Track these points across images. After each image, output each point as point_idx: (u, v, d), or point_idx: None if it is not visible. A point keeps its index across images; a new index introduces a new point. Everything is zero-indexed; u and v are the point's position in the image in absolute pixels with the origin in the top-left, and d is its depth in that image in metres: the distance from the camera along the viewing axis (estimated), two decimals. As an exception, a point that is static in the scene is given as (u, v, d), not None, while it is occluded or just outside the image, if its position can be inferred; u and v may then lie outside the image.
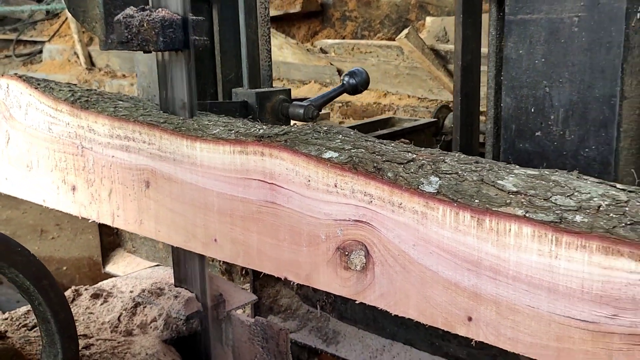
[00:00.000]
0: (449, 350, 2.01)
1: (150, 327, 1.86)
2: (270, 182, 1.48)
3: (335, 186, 1.37)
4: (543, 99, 1.53)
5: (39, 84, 1.98)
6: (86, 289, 2.03)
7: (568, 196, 1.15)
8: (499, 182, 1.22)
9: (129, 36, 1.65)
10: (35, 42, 9.70)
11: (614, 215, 1.07)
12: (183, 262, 1.92)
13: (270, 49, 2.23)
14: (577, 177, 1.21)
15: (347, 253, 1.39)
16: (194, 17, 1.67)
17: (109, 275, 3.02)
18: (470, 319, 1.24)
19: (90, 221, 1.97)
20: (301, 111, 2.17)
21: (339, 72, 5.85)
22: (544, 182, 1.20)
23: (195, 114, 1.76)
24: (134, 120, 1.74)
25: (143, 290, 1.95)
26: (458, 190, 1.22)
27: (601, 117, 1.46)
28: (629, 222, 1.05)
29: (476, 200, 1.19)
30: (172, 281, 1.99)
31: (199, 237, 1.67)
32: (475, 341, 1.25)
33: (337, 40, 6.09)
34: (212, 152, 1.58)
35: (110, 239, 2.98)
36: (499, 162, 1.32)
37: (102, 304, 1.96)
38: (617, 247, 1.04)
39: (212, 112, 1.92)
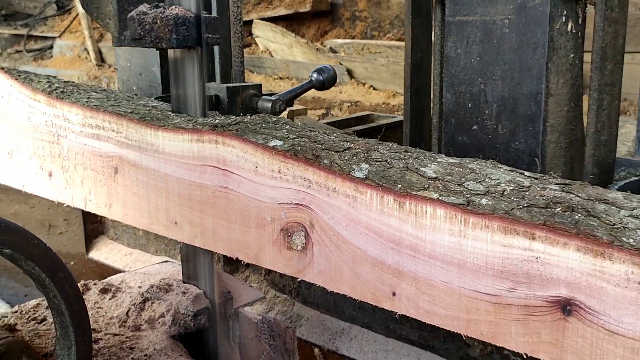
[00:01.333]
0: (402, 333, 2.13)
1: (158, 323, 1.86)
2: (223, 169, 1.60)
3: (279, 172, 1.49)
4: (478, 95, 1.64)
5: (19, 75, 2.10)
6: (95, 284, 2.05)
7: (479, 182, 1.26)
8: (421, 169, 1.34)
9: (142, 33, 1.65)
10: (46, 38, 9.80)
11: (515, 199, 1.19)
12: (192, 259, 1.93)
13: (243, 45, 2.35)
14: (492, 166, 1.33)
15: (289, 234, 1.51)
16: (207, 15, 1.67)
17: (94, 262, 3.16)
18: (394, 294, 1.36)
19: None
20: (269, 105, 2.29)
21: (349, 71, 5.89)
22: (461, 170, 1.32)
23: (207, 112, 1.78)
24: (104, 110, 1.86)
25: (151, 286, 1.96)
26: (384, 176, 1.33)
27: (529, 113, 1.57)
28: (525, 205, 1.17)
29: (399, 185, 1.31)
30: (181, 277, 2.00)
31: (161, 220, 1.79)
32: (428, 325, 1.34)
33: (347, 40, 6.11)
34: (172, 141, 1.70)
35: (94, 227, 3.10)
36: (429, 152, 1.43)
37: (110, 299, 1.98)
38: (514, 226, 1.16)
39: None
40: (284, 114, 3.04)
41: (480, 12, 1.59)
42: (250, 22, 7.67)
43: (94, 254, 3.07)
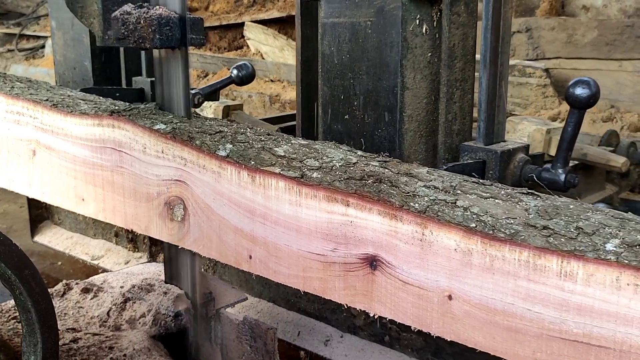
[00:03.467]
0: (300, 306, 2.33)
1: (139, 323, 1.86)
2: (119, 150, 1.80)
3: (163, 152, 1.69)
4: (349, 89, 1.85)
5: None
6: (77, 283, 2.04)
7: (317, 159, 1.47)
8: (274, 149, 1.55)
9: (126, 33, 1.64)
10: (38, 37, 9.84)
11: (339, 173, 1.40)
12: (174, 260, 1.93)
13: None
14: (333, 146, 1.54)
15: (171, 207, 1.71)
16: (191, 16, 1.67)
17: (39, 245, 3.33)
18: (250, 257, 1.56)
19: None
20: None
21: None
22: (306, 149, 1.53)
23: (191, 111, 1.79)
24: (24, 98, 2.05)
25: (133, 286, 1.96)
26: (243, 154, 1.54)
27: (388, 104, 1.78)
28: (346, 177, 1.38)
29: (252, 162, 1.51)
30: (163, 278, 2.00)
31: (71, 197, 1.99)
32: (322, 298, 1.48)
33: None
34: (79, 125, 1.90)
35: (39, 212, 3.28)
36: (288, 135, 1.64)
37: (92, 299, 1.97)
38: (334, 195, 1.37)
39: (113, 97, 2.23)
40: (219, 109, 3.26)
41: (349, 15, 1.80)
42: (242, 25, 7.79)
43: (38, 238, 3.25)
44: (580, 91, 1.61)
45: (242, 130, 1.66)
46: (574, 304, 1.09)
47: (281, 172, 1.46)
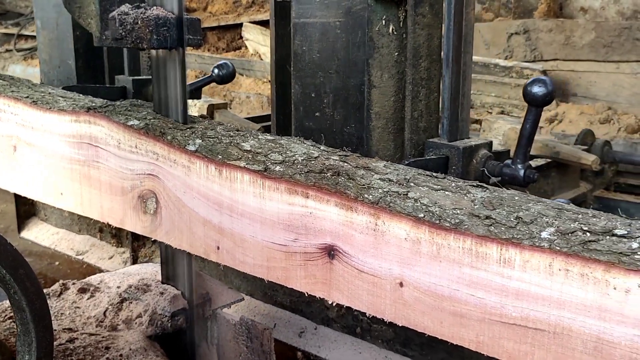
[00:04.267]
0: (277, 299, 2.39)
1: (135, 323, 1.86)
2: (95, 145, 1.86)
3: (136, 147, 1.75)
4: (319, 87, 1.91)
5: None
6: (73, 283, 2.04)
7: (280, 154, 1.53)
8: (242, 144, 1.61)
9: (123, 33, 1.64)
10: (36, 37, 9.86)
11: (300, 166, 1.46)
12: (171, 260, 1.93)
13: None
14: (298, 141, 1.60)
15: (145, 200, 1.77)
16: (188, 17, 1.68)
17: (24, 240, 3.38)
18: (218, 248, 1.62)
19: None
20: (170, 96, 2.54)
21: None
22: (272, 144, 1.59)
23: (188, 111, 1.79)
24: (5, 95, 2.11)
25: (130, 286, 1.97)
26: (211, 149, 1.60)
27: (356, 102, 1.84)
28: (306, 170, 1.44)
29: (219, 156, 1.57)
30: (160, 278, 2.01)
31: (51, 191, 2.05)
32: (297, 291, 1.52)
33: None
34: (57, 121, 1.95)
35: (26, 208, 3.34)
36: (256, 131, 1.70)
37: (88, 299, 1.97)
38: (295, 188, 1.43)
39: (95, 95, 2.28)
40: (204, 108, 3.32)
41: (319, 15, 1.86)
42: (240, 25, 7.82)
43: (25, 234, 3.31)
44: (537, 90, 1.67)
45: (212, 127, 1.72)
46: (513, 289, 1.15)
47: (246, 166, 1.52)
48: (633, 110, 4.57)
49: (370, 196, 1.33)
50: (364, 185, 1.36)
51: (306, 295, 1.49)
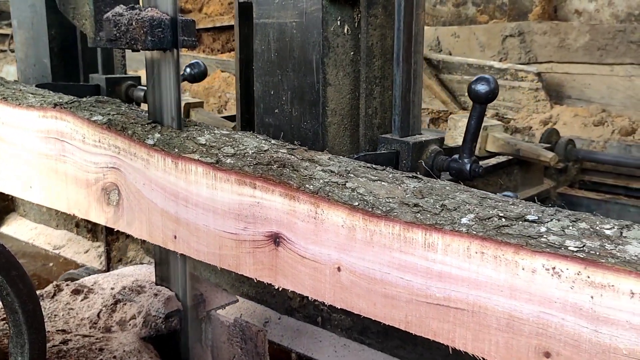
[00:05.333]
0: (243, 290, 2.47)
1: (129, 325, 1.86)
2: (62, 140, 1.93)
3: (99, 141, 1.83)
4: (278, 84, 1.99)
5: None
6: (67, 285, 2.04)
7: (233, 147, 1.61)
8: (197, 138, 1.68)
9: (118, 34, 1.64)
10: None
11: (250, 159, 1.54)
12: (165, 261, 1.94)
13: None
14: (250, 136, 1.68)
15: (108, 192, 1.85)
16: (183, 18, 1.68)
17: (4, 236, 3.45)
18: (175, 237, 1.70)
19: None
20: (141, 94, 2.63)
21: None
22: (226, 138, 1.67)
23: (181, 112, 1.79)
24: (-23, 92, 2.18)
25: (124, 288, 1.97)
26: (168, 143, 1.68)
27: (312, 99, 1.92)
28: (255, 163, 1.52)
29: (176, 149, 1.65)
30: (154, 279, 2.01)
31: (20, 185, 2.12)
32: (262, 282, 1.57)
33: None
34: (27, 117, 2.03)
35: (5, 204, 3.41)
36: (212, 126, 1.78)
37: (82, 300, 1.97)
38: (244, 179, 1.51)
39: (69, 93, 2.35)
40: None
41: (276, 16, 1.94)
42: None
43: (4, 229, 3.38)
44: (480, 87, 1.76)
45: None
46: (436, 271, 1.24)
47: (199, 159, 1.60)
48: (627, 113, 4.60)
49: (311, 186, 1.41)
50: (306, 176, 1.44)
51: (266, 285, 1.56)
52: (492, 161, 2.75)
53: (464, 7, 6.70)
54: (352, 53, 1.95)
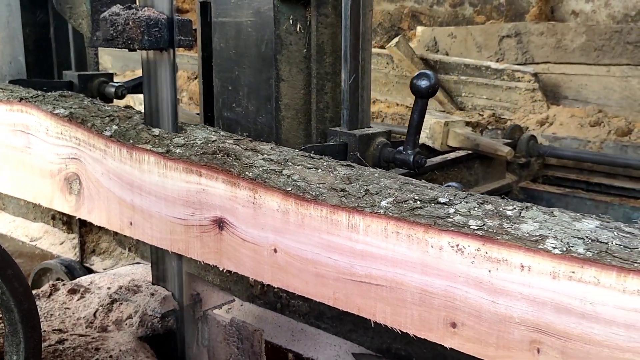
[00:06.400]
0: (207, 279, 2.57)
1: (126, 324, 1.86)
2: (27, 132, 2.03)
3: (62, 133, 1.92)
4: (236, 80, 2.09)
5: None
6: (64, 284, 2.05)
7: (184, 138, 1.71)
8: (152, 130, 1.78)
9: (115, 34, 1.65)
10: None
11: (197, 148, 1.64)
12: (161, 261, 1.94)
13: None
14: (202, 128, 1.78)
15: (70, 182, 1.94)
16: (180, 18, 1.69)
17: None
18: (131, 223, 1.80)
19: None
20: (112, 90, 2.72)
21: None
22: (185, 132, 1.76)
23: (178, 111, 1.80)
24: (-51, 87, 2.27)
25: (120, 287, 1.97)
26: (124, 134, 1.77)
27: (267, 94, 2.02)
28: (201, 152, 1.62)
29: (131, 140, 1.75)
30: (150, 279, 2.02)
31: (-10, 176, 2.21)
32: (226, 271, 1.64)
33: None
34: (-5, 111, 2.12)
35: (-16, 198, 3.50)
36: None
37: (78, 300, 1.97)
38: (191, 167, 1.61)
39: (42, 89, 2.45)
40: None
41: (233, 15, 2.03)
42: None
43: (-17, 223, 3.47)
44: (421, 83, 1.86)
45: (130, 115, 1.90)
46: (359, 251, 1.33)
47: (151, 149, 1.69)
48: (623, 113, 4.61)
49: (251, 173, 1.51)
50: (247, 164, 1.54)
51: (230, 273, 1.64)
52: (451, 155, 2.85)
53: (461, 8, 6.70)
54: (305, 50, 2.05)
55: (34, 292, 1.89)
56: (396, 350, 2.05)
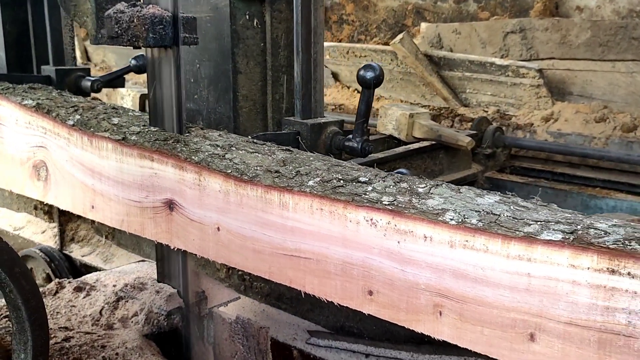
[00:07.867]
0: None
1: (131, 322, 1.88)
2: (0, 123, 2.14)
3: (30, 123, 2.04)
4: (197, 72, 2.21)
5: None
6: (69, 282, 2.06)
7: (140, 127, 1.82)
8: (112, 119, 1.89)
9: (119, 31, 1.64)
10: None
11: (151, 135, 1.75)
12: (167, 259, 1.96)
13: (74, 36, 2.90)
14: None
15: (38, 169, 2.06)
16: (184, 15, 1.69)
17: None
18: (93, 207, 1.91)
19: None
20: (89, 84, 2.83)
21: (334, 75, 5.85)
22: (136, 120, 1.88)
23: (183, 109, 1.78)
24: None
25: (126, 285, 1.99)
26: (86, 123, 1.89)
27: (225, 86, 2.13)
28: (154, 139, 1.73)
29: (91, 129, 1.86)
30: (156, 276, 2.03)
31: (-33, 164, 2.32)
32: (204, 258, 1.72)
33: (332, 43, 5.89)
34: (-30, 103, 2.23)
35: (-30, 190, 3.62)
36: (131, 110, 1.99)
37: (84, 297, 1.99)
38: (144, 152, 1.72)
39: (20, 84, 2.56)
40: (137, 97, 3.60)
41: (193, 11, 2.14)
42: None
43: (-32, 214, 3.59)
44: (367, 74, 1.97)
45: (94, 106, 2.01)
46: (289, 227, 1.45)
47: (109, 136, 1.81)
48: (628, 109, 4.55)
49: (197, 157, 1.62)
50: (194, 149, 1.65)
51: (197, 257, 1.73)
52: (415, 145, 2.96)
53: (465, 4, 6.66)
54: (262, 44, 2.16)
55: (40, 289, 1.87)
56: (349, 327, 2.17)
